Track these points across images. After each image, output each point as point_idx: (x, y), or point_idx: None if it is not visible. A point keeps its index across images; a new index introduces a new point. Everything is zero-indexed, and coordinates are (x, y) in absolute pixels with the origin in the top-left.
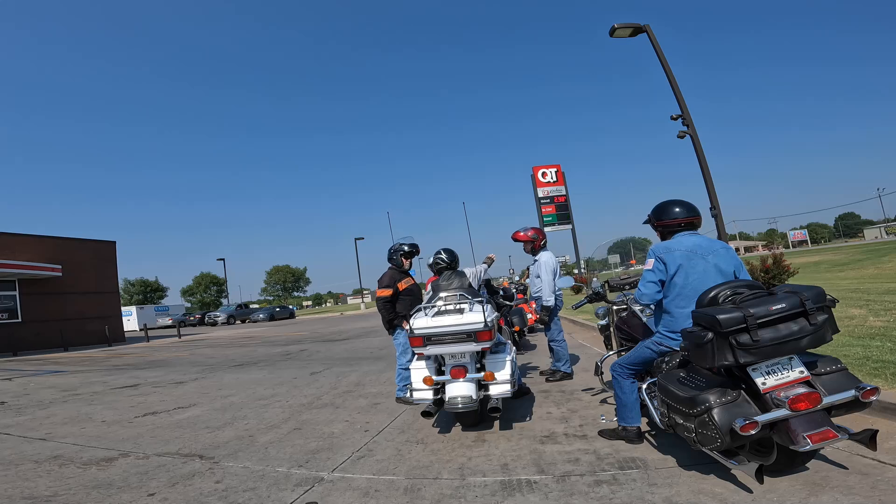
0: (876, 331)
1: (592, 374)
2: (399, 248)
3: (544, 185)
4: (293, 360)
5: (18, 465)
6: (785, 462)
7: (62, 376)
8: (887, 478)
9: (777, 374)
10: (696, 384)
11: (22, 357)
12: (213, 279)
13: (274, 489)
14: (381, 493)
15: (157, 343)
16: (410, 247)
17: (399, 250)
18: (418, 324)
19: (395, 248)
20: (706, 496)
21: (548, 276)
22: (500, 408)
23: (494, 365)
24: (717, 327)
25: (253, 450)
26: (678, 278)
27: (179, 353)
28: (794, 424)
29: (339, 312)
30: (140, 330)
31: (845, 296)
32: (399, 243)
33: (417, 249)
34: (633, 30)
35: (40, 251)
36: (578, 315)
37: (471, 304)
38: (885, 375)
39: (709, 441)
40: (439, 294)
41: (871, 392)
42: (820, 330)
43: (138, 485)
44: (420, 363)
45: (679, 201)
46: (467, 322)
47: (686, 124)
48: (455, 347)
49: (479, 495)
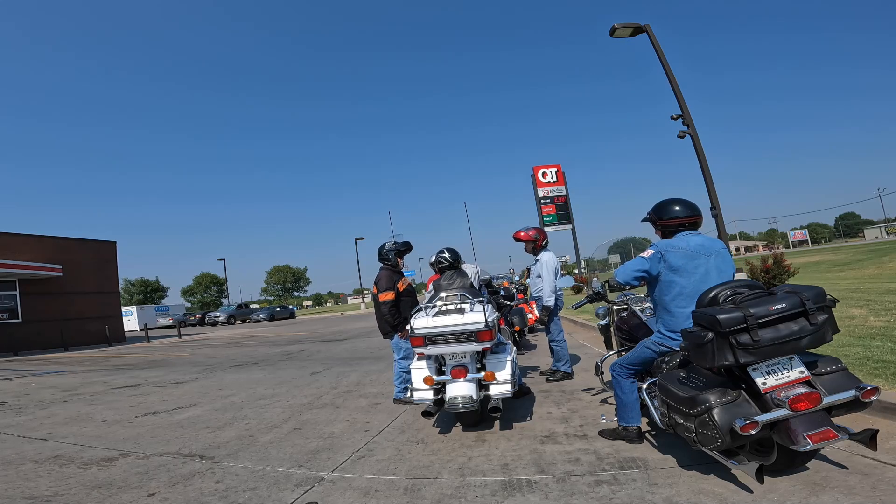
0: (876, 331)
1: (593, 374)
2: (393, 247)
3: (544, 185)
4: (293, 360)
5: (19, 464)
6: (785, 462)
7: (62, 376)
8: (888, 478)
9: (777, 374)
10: (697, 384)
11: (22, 357)
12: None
13: (274, 489)
14: (381, 493)
15: (157, 343)
16: (404, 245)
17: (392, 249)
18: (419, 323)
19: (389, 247)
20: (706, 496)
21: (549, 276)
22: (501, 408)
23: (495, 365)
24: (718, 327)
25: (253, 450)
26: (679, 277)
27: (180, 353)
28: (795, 424)
29: (340, 312)
30: (140, 330)
31: (846, 296)
32: (392, 241)
33: (410, 247)
34: (633, 30)
35: (41, 251)
36: (578, 315)
37: (471, 304)
38: (885, 375)
39: (709, 441)
40: (440, 294)
41: (872, 392)
42: (820, 330)
43: (139, 485)
44: (421, 363)
45: (680, 200)
46: (468, 322)
47: (686, 124)
48: (456, 347)
49: (480, 495)
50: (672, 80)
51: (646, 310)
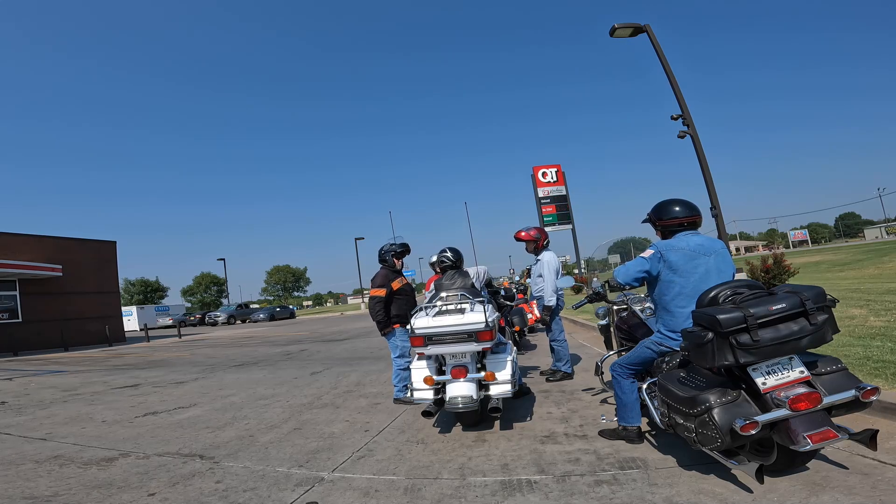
0: (876, 331)
1: (593, 374)
2: (391, 249)
3: (545, 185)
4: (293, 359)
5: (19, 464)
6: (785, 462)
7: (62, 376)
8: (888, 478)
9: (777, 374)
10: (697, 384)
11: (22, 357)
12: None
13: (274, 489)
14: (381, 493)
15: (157, 343)
16: (402, 246)
17: (391, 251)
18: (419, 323)
19: (387, 249)
20: (707, 496)
21: (550, 276)
22: (501, 408)
23: (495, 365)
24: (718, 327)
25: (253, 450)
26: (679, 277)
27: (180, 353)
28: (795, 424)
29: (340, 312)
30: (140, 330)
31: (846, 296)
32: (390, 243)
33: (409, 249)
34: (633, 30)
35: (41, 251)
36: (578, 315)
37: (472, 304)
38: (885, 375)
39: (709, 441)
40: (440, 293)
41: (872, 392)
42: (820, 330)
43: (139, 485)
44: (421, 363)
45: (680, 200)
46: (468, 322)
47: (686, 124)
48: (456, 347)
49: (480, 495)
50: (672, 81)
51: (646, 310)
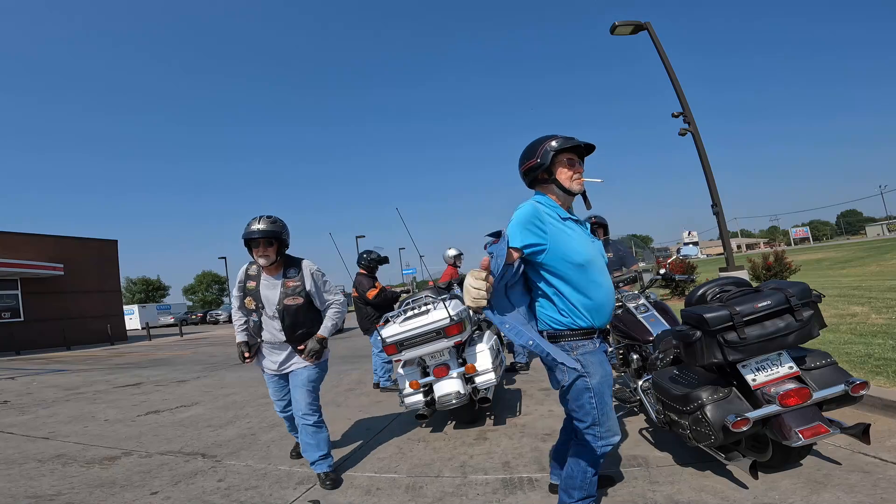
0: (878, 328)
1: None
2: (377, 258)
3: None
4: None
5: (22, 464)
6: (781, 458)
7: (65, 375)
8: (889, 476)
9: (767, 371)
10: (689, 381)
11: (24, 356)
12: (214, 277)
13: (276, 487)
14: (382, 492)
15: (159, 342)
16: (384, 259)
17: (376, 259)
18: (387, 332)
19: (374, 257)
20: (708, 493)
21: None
22: (490, 398)
23: (473, 356)
24: (705, 326)
25: (255, 448)
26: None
27: (182, 351)
28: (786, 420)
29: None
30: (142, 328)
31: (847, 293)
32: (376, 252)
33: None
34: (633, 27)
35: (42, 250)
36: None
37: (434, 303)
38: (887, 373)
39: (703, 438)
40: (406, 303)
41: (861, 386)
42: (806, 326)
43: (141, 483)
44: (405, 369)
45: None
46: (433, 320)
47: (687, 122)
48: (428, 347)
49: (481, 493)
50: (673, 79)
51: (640, 307)
